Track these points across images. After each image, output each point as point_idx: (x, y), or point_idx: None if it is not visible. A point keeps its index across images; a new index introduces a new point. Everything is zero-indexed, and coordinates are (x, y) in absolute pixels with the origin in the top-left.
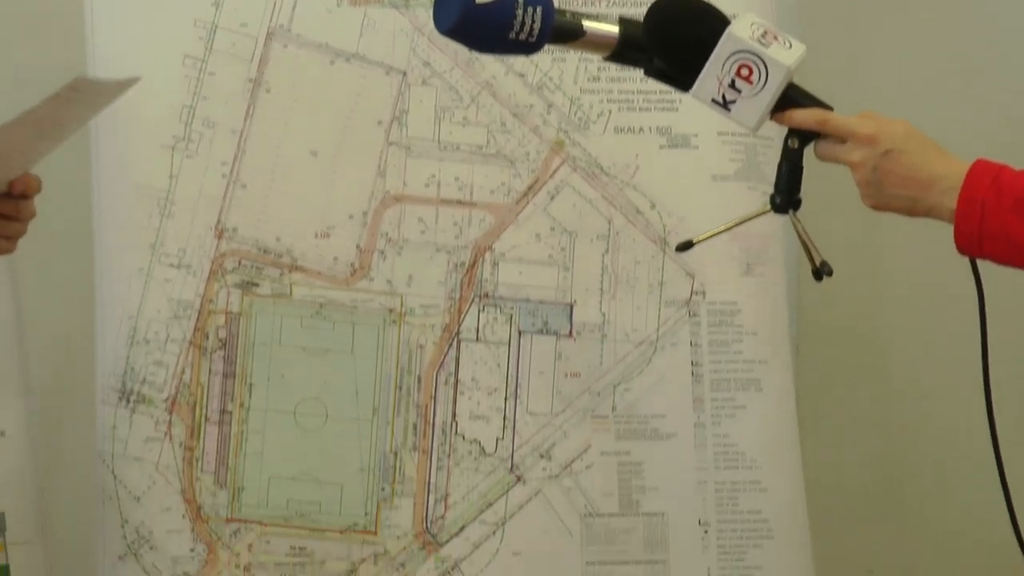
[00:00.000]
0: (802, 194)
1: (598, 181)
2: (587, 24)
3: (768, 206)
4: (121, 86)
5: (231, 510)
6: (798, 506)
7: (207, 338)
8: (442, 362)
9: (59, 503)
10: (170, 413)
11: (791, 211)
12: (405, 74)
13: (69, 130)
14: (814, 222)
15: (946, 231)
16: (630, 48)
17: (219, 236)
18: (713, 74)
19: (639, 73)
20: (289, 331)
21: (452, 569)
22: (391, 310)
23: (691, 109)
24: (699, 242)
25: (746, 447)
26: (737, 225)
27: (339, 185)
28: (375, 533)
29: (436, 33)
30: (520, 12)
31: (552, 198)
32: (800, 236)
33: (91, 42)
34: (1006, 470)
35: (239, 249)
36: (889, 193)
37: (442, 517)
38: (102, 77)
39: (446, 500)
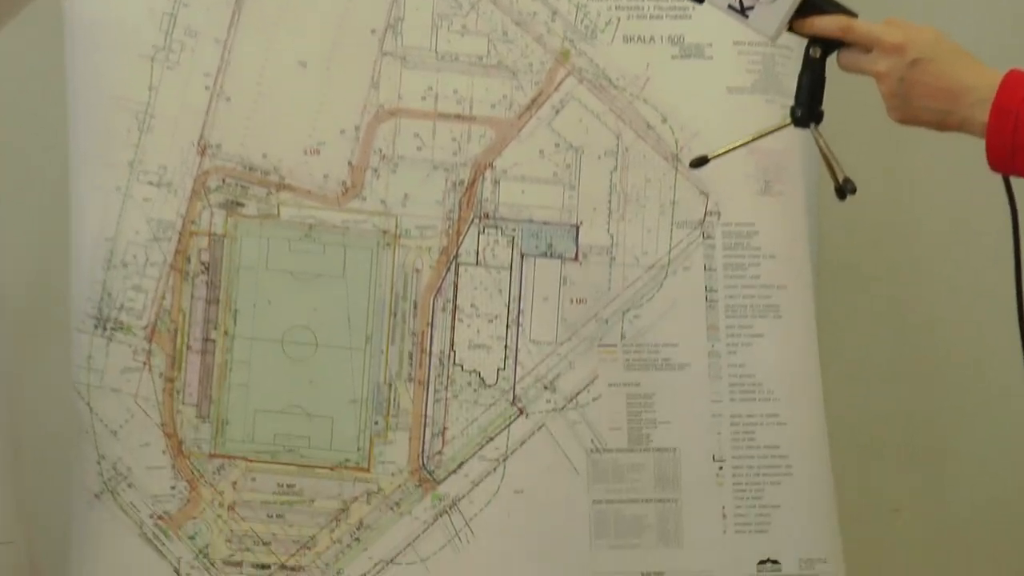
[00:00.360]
0: (824, 107)
1: (606, 94)
2: None
3: (788, 119)
4: None
5: (214, 445)
6: (819, 441)
7: (189, 262)
8: (439, 287)
9: (32, 438)
10: (149, 342)
11: (812, 125)
12: None
13: None
14: (836, 138)
15: (977, 146)
16: None
17: (202, 153)
18: None
19: None
20: (276, 254)
21: (450, 508)
22: (385, 232)
23: (705, 17)
24: (714, 158)
25: (763, 378)
26: (754, 140)
27: (330, 98)
28: (368, 470)
29: None
30: None
31: (557, 112)
32: (822, 152)
33: None
34: None
35: (223, 166)
36: (917, 105)
37: (439, 453)
38: None
39: (443, 435)
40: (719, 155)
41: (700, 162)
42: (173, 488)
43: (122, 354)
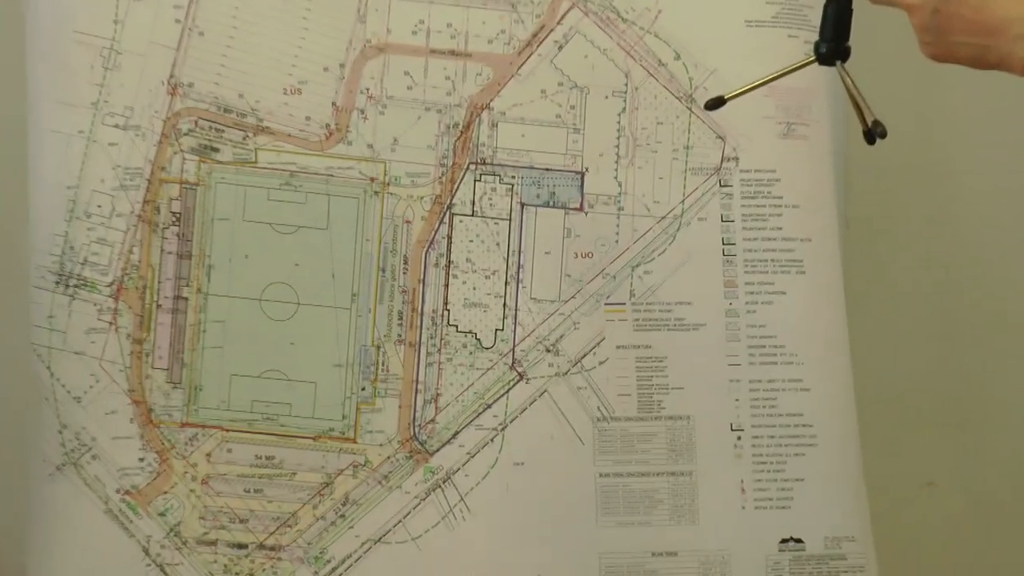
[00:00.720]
0: (851, 43)
1: (614, 28)
2: None
3: (812, 56)
4: None
5: (187, 413)
6: (847, 408)
7: (158, 212)
8: (432, 240)
9: None
10: (115, 300)
11: (838, 62)
12: None
13: None
14: (865, 76)
15: (1018, 85)
16: None
17: (172, 92)
18: None
19: None
20: (254, 204)
21: (444, 482)
22: (373, 179)
23: None
24: (731, 98)
25: (786, 339)
26: (776, 79)
27: (312, 33)
28: (354, 440)
29: None
30: None
31: (560, 48)
32: (849, 91)
33: None
34: None
35: (196, 107)
36: (952, 41)
37: (432, 421)
38: None
39: (436, 401)
40: (737, 95)
41: (716, 103)
42: (142, 460)
43: (86, 313)
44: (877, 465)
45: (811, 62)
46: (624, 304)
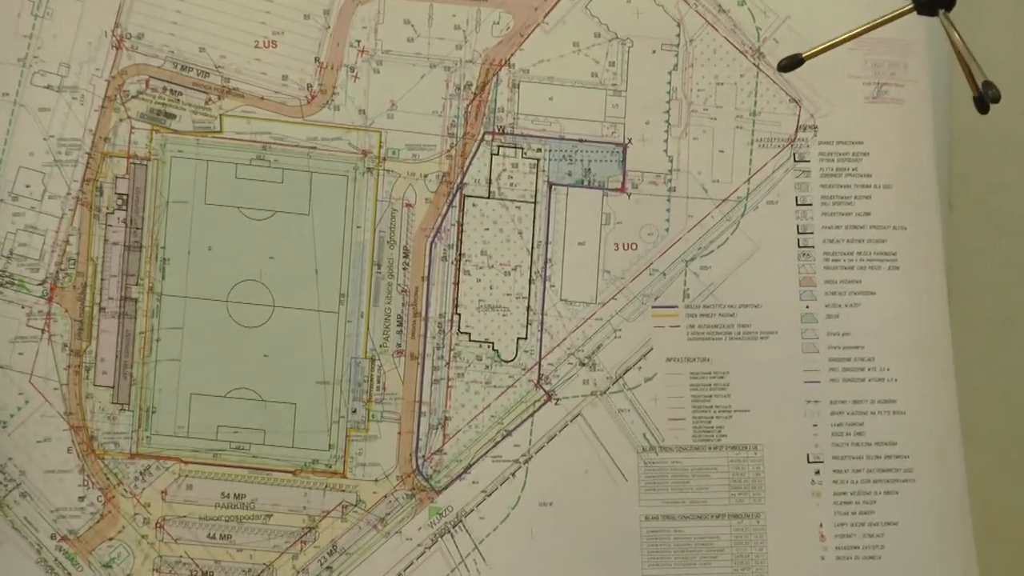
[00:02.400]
0: None
1: None
2: None
3: (909, 4)
4: None
5: (136, 442)
6: (950, 436)
7: (101, 193)
8: (438, 228)
9: None
10: (49, 301)
11: (941, 12)
12: None
13: None
14: (974, 29)
15: None
16: None
17: (118, 45)
18: None
19: None
20: (219, 183)
21: (454, 526)
22: (365, 152)
23: None
24: (811, 57)
25: (875, 350)
26: (865, 32)
27: None
28: (343, 474)
29: None
30: None
31: None
32: (955, 47)
33: None
34: None
35: (147, 64)
36: None
37: (439, 451)
38: None
39: (444, 427)
40: (817, 53)
41: (792, 64)
42: (82, 499)
43: (12, 318)
44: (986, 504)
45: (908, 11)
46: (676, 307)
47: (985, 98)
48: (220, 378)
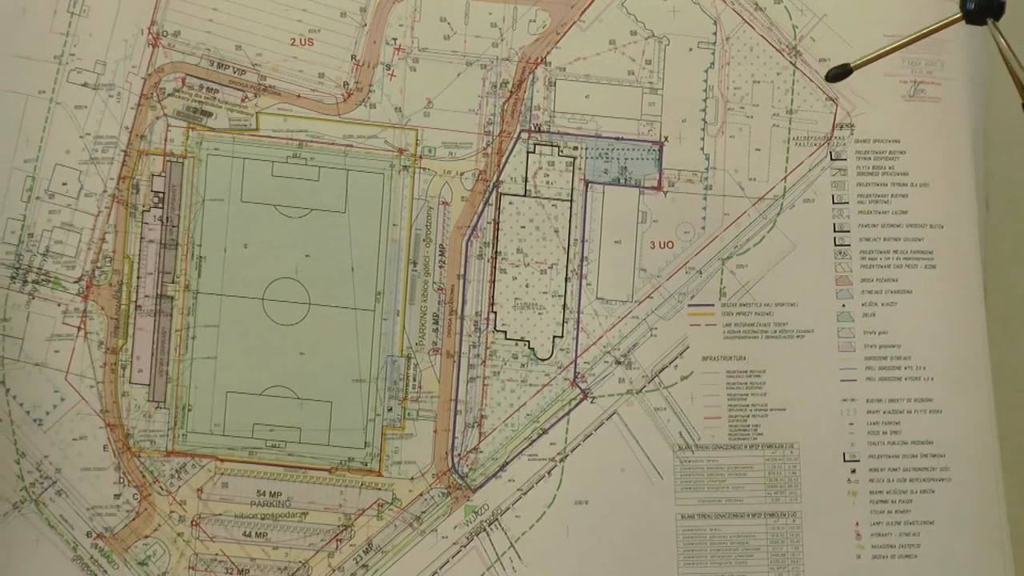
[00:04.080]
0: None
1: None
2: None
3: (957, 13)
4: None
5: (172, 439)
6: (987, 435)
7: (137, 191)
8: (475, 226)
9: None
10: (85, 299)
11: (990, 20)
12: None
13: None
14: (1022, 39)
15: None
16: None
17: (154, 43)
18: None
19: None
20: (255, 181)
21: (489, 524)
22: (401, 150)
23: None
24: (860, 67)
25: (912, 349)
26: (914, 41)
27: None
28: (379, 473)
29: None
30: None
31: None
32: (1003, 55)
33: None
34: None
35: (183, 62)
36: None
37: (475, 450)
38: None
39: (480, 425)
40: (866, 63)
41: (841, 74)
42: (118, 497)
43: (48, 316)
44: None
45: (957, 19)
46: (712, 305)
47: None
48: (256, 376)
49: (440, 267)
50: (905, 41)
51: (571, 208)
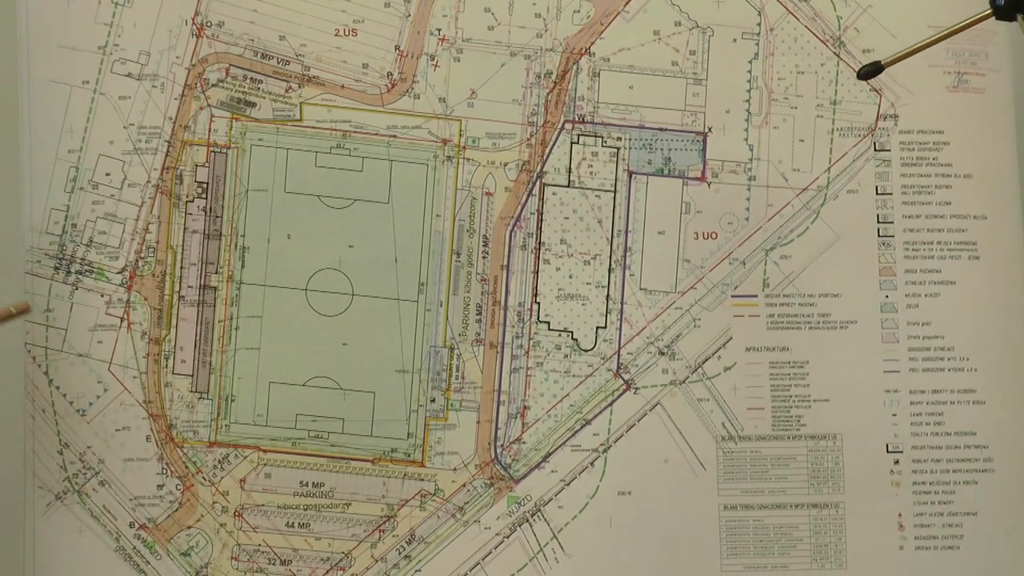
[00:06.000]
0: None
1: None
2: None
3: (987, 9)
4: None
5: (215, 430)
6: None
7: (180, 182)
8: (518, 216)
9: None
10: (128, 290)
11: (1019, 15)
12: None
13: None
14: None
15: None
16: None
17: (198, 33)
18: None
19: None
20: (299, 172)
21: (532, 515)
22: (445, 141)
23: None
24: (890, 64)
25: (955, 339)
26: (942, 39)
27: None
28: (422, 463)
29: None
30: None
31: None
32: None
33: None
34: None
35: (227, 53)
36: None
37: (518, 440)
38: None
39: (523, 416)
40: (897, 60)
41: (872, 72)
42: (160, 488)
43: (91, 306)
44: None
45: (987, 16)
46: (756, 296)
47: None
48: (299, 366)
49: (483, 258)
50: (936, 38)
51: (615, 199)
